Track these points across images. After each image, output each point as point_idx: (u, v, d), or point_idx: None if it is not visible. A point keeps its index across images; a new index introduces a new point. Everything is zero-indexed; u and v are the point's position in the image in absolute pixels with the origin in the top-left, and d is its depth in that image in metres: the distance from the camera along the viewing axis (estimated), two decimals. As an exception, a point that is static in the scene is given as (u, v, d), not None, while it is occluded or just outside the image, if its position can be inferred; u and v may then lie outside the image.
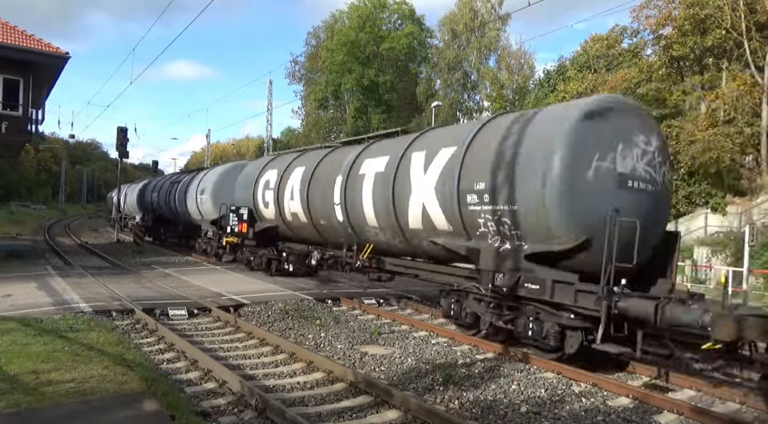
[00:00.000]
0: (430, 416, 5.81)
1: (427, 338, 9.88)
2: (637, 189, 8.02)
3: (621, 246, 7.29)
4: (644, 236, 7.64)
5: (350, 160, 12.47)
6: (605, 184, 7.71)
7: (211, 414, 5.95)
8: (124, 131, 30.02)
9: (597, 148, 7.69)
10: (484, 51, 44.36)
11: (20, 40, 16.92)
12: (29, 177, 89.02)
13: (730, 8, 24.88)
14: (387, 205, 10.83)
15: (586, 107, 7.98)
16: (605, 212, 7.37)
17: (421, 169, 10.08)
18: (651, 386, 7.56)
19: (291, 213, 15.08)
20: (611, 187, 7.74)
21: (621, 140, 7.87)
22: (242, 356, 8.50)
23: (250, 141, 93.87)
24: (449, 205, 9.31)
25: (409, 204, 10.32)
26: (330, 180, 12.87)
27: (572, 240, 7.62)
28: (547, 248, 7.91)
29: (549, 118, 8.40)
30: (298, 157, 15.82)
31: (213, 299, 12.40)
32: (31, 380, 5.98)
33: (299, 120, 61.95)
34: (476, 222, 8.90)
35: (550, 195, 7.64)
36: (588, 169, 7.63)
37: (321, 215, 13.52)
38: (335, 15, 52.93)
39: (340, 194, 12.40)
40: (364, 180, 11.65)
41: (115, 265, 19.25)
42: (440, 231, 9.84)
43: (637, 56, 31.38)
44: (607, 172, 7.73)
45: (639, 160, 8.06)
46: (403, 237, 10.92)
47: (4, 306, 10.49)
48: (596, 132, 7.73)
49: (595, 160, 7.66)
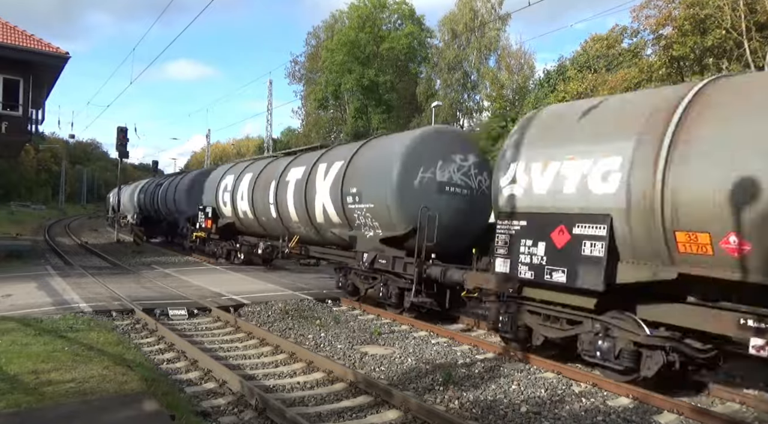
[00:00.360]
0: (430, 416, 5.82)
1: (427, 338, 9.88)
2: (453, 193, 11.13)
3: (431, 232, 10.28)
4: (456, 226, 10.78)
5: (280, 169, 15.66)
6: (428, 189, 10.83)
7: (211, 414, 5.95)
8: (124, 131, 30.01)
9: (422, 164, 10.86)
10: (484, 51, 44.41)
11: (20, 40, 16.92)
12: (29, 177, 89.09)
13: (730, 8, 24.87)
14: (302, 204, 13.95)
15: (415, 137, 11.35)
16: (429, 209, 10.29)
17: (323, 177, 13.16)
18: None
19: (242, 211, 18.27)
20: (432, 191, 10.86)
21: (441, 158, 11.05)
22: (242, 356, 8.50)
23: (250, 141, 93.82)
24: (338, 205, 12.40)
25: (315, 204, 13.41)
26: (267, 184, 16.03)
27: (404, 228, 10.80)
28: (391, 234, 11.13)
29: (393, 143, 11.82)
30: (249, 165, 18.96)
31: (213, 299, 12.41)
32: (31, 380, 5.98)
33: (299, 120, 62.05)
34: (353, 216, 12.07)
35: (390, 197, 10.80)
36: (415, 179, 10.79)
37: (262, 212, 16.67)
38: (335, 15, 53.07)
39: (273, 196, 15.56)
40: (288, 185, 14.78)
41: (115, 265, 19.26)
42: (335, 224, 12.96)
43: (637, 56, 31.35)
44: (430, 181, 10.91)
45: (456, 172, 11.19)
46: (314, 229, 14.03)
47: (4, 306, 10.49)
48: (421, 153, 10.92)
49: (420, 172, 10.82)
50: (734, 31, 25.24)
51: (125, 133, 29.97)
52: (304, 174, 14.03)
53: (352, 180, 11.99)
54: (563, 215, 7.42)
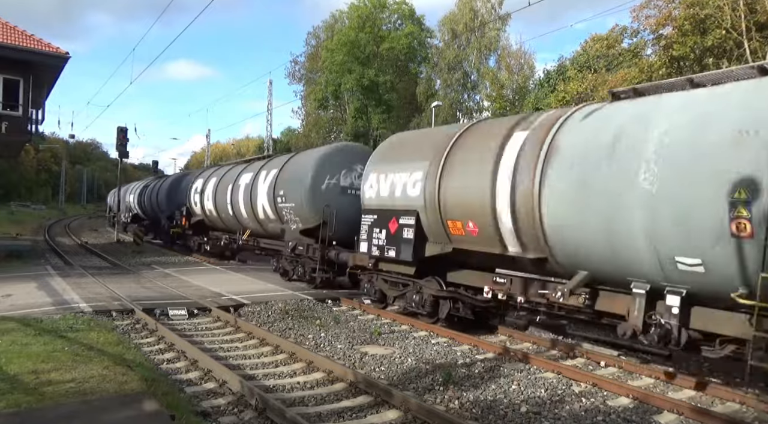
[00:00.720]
0: (430, 416, 5.82)
1: (427, 338, 9.89)
2: (353, 195, 13.64)
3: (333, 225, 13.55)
4: (354, 220, 12.44)
5: (235, 175, 19.12)
6: (333, 192, 14.01)
7: (211, 414, 5.95)
8: (124, 131, 30.04)
9: (329, 172, 14.08)
10: (484, 51, 44.32)
11: (20, 40, 16.92)
12: (29, 177, 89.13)
13: (730, 8, 24.85)
14: (249, 204, 17.31)
15: (324, 152, 14.67)
16: (331, 207, 13.58)
17: (263, 182, 16.37)
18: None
19: (209, 210, 21.53)
20: (337, 194, 14.00)
21: (344, 168, 14.20)
22: (242, 356, 8.51)
23: (250, 141, 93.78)
24: (272, 204, 15.68)
25: (258, 203, 16.68)
26: (226, 187, 19.41)
27: (315, 222, 13.88)
28: (306, 227, 14.27)
29: (309, 156, 15.03)
30: (215, 171, 22.26)
31: (213, 299, 12.41)
32: (31, 380, 5.98)
33: (299, 120, 61.80)
34: (283, 213, 15.30)
35: (305, 198, 13.98)
36: (323, 184, 13.95)
37: (222, 210, 20.05)
38: (335, 15, 52.90)
39: (230, 197, 18.85)
40: (239, 188, 18.17)
41: (115, 265, 19.26)
42: (271, 219, 16.19)
43: (637, 56, 31.31)
44: (335, 185, 14.09)
45: (356, 178, 13.89)
46: (258, 224, 17.32)
47: (4, 306, 10.50)
48: (329, 164, 14.14)
49: (327, 179, 14.00)
50: (734, 31, 25.22)
51: (125, 133, 30.00)
52: (251, 179, 17.37)
53: (281, 185, 15.27)
54: (395, 210, 10.74)
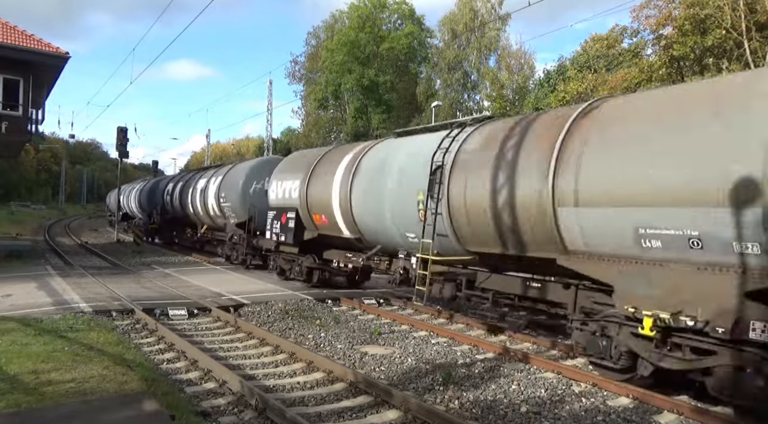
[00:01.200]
0: (430, 416, 5.82)
1: (427, 338, 9.88)
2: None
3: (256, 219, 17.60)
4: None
5: (194, 180, 23.58)
6: (259, 194, 17.73)
7: (211, 414, 5.95)
8: (124, 131, 30.05)
9: (256, 179, 18.28)
10: (484, 51, 44.35)
11: (20, 40, 16.91)
12: (29, 177, 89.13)
13: (730, 8, 24.86)
14: (203, 203, 21.86)
15: (254, 164, 19.43)
16: (255, 206, 17.65)
17: (213, 185, 20.82)
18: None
19: (177, 209, 25.63)
20: (261, 196, 17.26)
21: (267, 176, 16.86)
22: (242, 356, 8.50)
23: (250, 141, 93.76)
24: (218, 203, 20.12)
25: (208, 202, 21.19)
26: (188, 189, 24.04)
27: (245, 217, 18.09)
28: (240, 221, 18.54)
29: (243, 166, 19.68)
30: (182, 176, 27.14)
31: (213, 299, 12.41)
32: (31, 380, 5.98)
33: (299, 120, 61.84)
34: (225, 210, 19.60)
35: (237, 199, 18.52)
36: (251, 188, 18.18)
37: (186, 209, 24.29)
38: (335, 15, 52.95)
39: (190, 198, 23.47)
40: (197, 191, 22.62)
41: (115, 265, 19.26)
42: (218, 216, 20.46)
43: (637, 56, 31.32)
44: (260, 190, 17.83)
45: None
46: (210, 219, 21.65)
47: (4, 306, 10.50)
48: (256, 172, 18.43)
49: (255, 184, 18.22)
50: (734, 31, 25.23)
51: (125, 133, 30.01)
52: (204, 184, 21.99)
53: (223, 188, 19.76)
54: (285, 207, 14.58)
